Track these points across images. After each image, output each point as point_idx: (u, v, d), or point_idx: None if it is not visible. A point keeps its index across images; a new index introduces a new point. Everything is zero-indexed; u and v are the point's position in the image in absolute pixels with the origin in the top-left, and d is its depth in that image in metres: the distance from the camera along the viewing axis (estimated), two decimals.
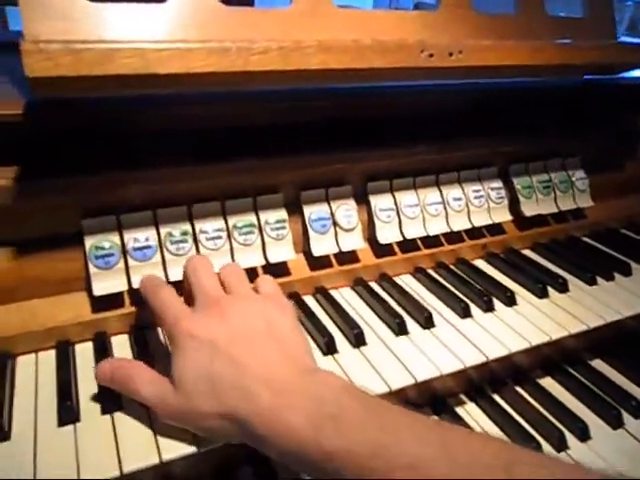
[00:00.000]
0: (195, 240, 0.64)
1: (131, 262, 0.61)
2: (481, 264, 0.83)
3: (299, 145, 0.69)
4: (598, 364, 0.77)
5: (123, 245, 0.61)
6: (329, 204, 0.72)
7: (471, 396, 0.70)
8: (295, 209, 0.71)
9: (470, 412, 0.68)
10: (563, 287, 0.77)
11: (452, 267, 0.81)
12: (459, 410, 0.67)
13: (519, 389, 0.71)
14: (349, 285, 0.75)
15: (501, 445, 0.40)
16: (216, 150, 0.65)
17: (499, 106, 0.82)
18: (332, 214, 0.72)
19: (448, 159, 0.78)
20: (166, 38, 0.51)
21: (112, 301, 0.61)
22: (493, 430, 0.65)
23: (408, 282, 0.77)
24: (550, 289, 0.77)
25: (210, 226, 0.65)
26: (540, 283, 0.76)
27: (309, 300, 0.71)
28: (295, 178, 0.70)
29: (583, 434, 0.64)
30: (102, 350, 0.59)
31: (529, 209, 0.87)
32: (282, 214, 0.69)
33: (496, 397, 0.70)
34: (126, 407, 0.51)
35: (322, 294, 0.71)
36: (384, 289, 0.75)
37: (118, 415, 0.51)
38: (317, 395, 0.43)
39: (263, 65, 0.51)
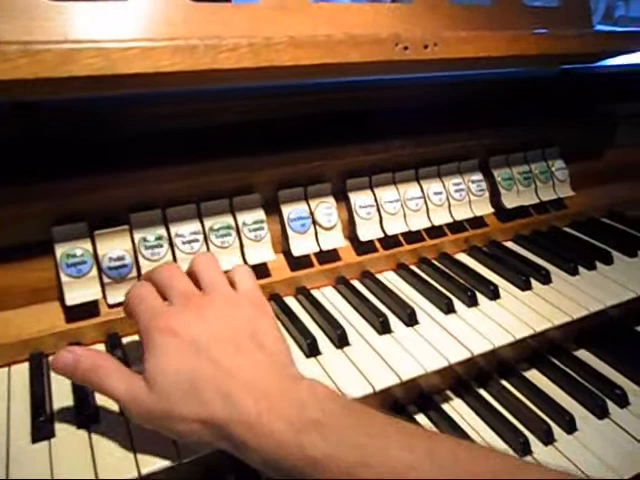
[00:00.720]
0: (171, 244, 0.63)
1: (105, 279, 0.59)
2: (464, 258, 0.83)
3: (275, 143, 0.68)
4: (583, 354, 0.77)
5: (95, 253, 0.59)
6: (308, 203, 0.71)
7: (457, 392, 0.69)
8: (273, 209, 0.70)
9: (457, 408, 0.67)
10: (546, 278, 0.77)
11: (435, 262, 0.80)
12: (445, 407, 0.66)
13: (505, 383, 0.70)
14: (331, 284, 0.74)
15: (487, 454, 0.39)
16: (189, 151, 0.63)
17: (477, 98, 0.81)
18: (311, 213, 0.70)
19: (427, 153, 0.78)
20: (131, 37, 0.49)
21: (87, 310, 0.60)
22: (479, 425, 0.64)
23: (391, 279, 0.76)
24: (533, 281, 0.76)
25: (186, 229, 0.64)
26: (523, 275, 0.76)
27: (290, 301, 0.70)
28: (272, 177, 0.69)
29: (569, 426, 0.64)
30: None
31: (510, 201, 0.86)
32: (260, 214, 0.67)
33: (482, 392, 0.69)
34: (103, 421, 0.50)
35: (304, 294, 0.70)
36: (366, 287, 0.74)
37: (95, 429, 0.49)
38: (301, 401, 0.42)
39: (232, 63, 0.49)
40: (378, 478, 0.37)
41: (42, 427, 0.48)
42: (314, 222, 0.70)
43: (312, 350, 0.60)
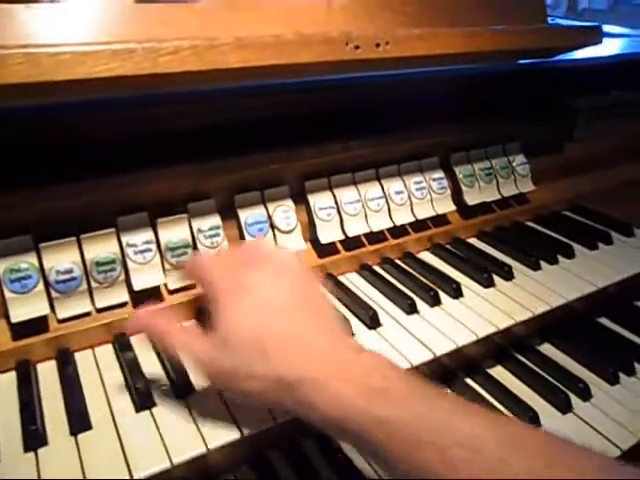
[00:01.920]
0: (123, 254, 0.61)
1: (53, 293, 0.57)
2: (427, 257, 0.82)
3: (229, 147, 0.66)
4: (546, 348, 0.78)
5: (42, 267, 0.56)
6: (266, 206, 0.69)
7: None
8: (230, 214, 0.68)
9: None
10: (508, 274, 0.77)
11: (398, 262, 0.79)
12: None
13: (469, 381, 0.70)
14: None
15: (545, 437, 0.40)
16: (138, 158, 0.61)
17: (435, 95, 0.80)
18: (269, 217, 0.69)
19: (386, 152, 0.77)
20: (65, 41, 0.47)
21: (35, 326, 0.57)
22: None
23: (353, 280, 0.75)
24: (496, 277, 0.76)
25: (139, 239, 0.61)
26: (485, 272, 0.75)
27: None
28: (227, 182, 0.67)
29: (533, 422, 0.64)
30: (26, 380, 0.55)
31: (472, 197, 0.86)
32: (216, 220, 0.66)
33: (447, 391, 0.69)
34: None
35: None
36: (328, 290, 0.73)
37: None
38: (366, 369, 0.44)
39: (174, 66, 0.47)
40: (443, 444, 0.38)
41: None
42: (272, 226, 0.69)
43: None
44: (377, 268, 0.78)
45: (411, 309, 0.68)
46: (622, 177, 1.02)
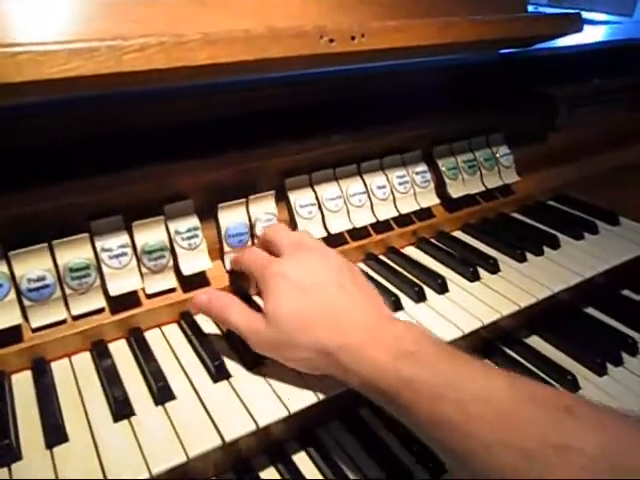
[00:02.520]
0: (97, 259, 0.59)
1: (26, 302, 0.55)
2: (412, 251, 0.81)
3: (204, 145, 0.64)
4: (534, 340, 0.77)
5: (13, 276, 0.55)
6: (248, 212, 0.68)
7: None
8: (209, 215, 0.66)
9: None
10: (494, 267, 0.76)
11: (382, 258, 0.78)
12: None
13: None
14: None
15: (558, 390, 0.48)
16: (111, 159, 0.59)
17: (416, 87, 0.79)
18: (251, 226, 0.67)
19: (367, 147, 0.75)
20: (24, 40, 0.45)
21: (8, 336, 0.55)
22: None
23: None
24: (482, 271, 0.75)
25: (113, 243, 0.60)
26: (471, 266, 0.74)
27: None
28: (204, 182, 0.65)
29: None
30: (0, 392, 0.53)
31: (456, 190, 0.85)
32: (194, 221, 0.64)
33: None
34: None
35: (247, 301, 0.67)
36: None
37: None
38: (398, 336, 0.49)
39: (140, 64, 0.45)
40: (463, 398, 0.42)
41: None
42: (252, 236, 0.68)
43: (253, 360, 0.58)
44: (361, 264, 0.77)
45: (396, 306, 0.67)
46: (606, 164, 1.02)
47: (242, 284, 0.67)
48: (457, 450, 0.42)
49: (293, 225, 0.72)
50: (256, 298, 0.67)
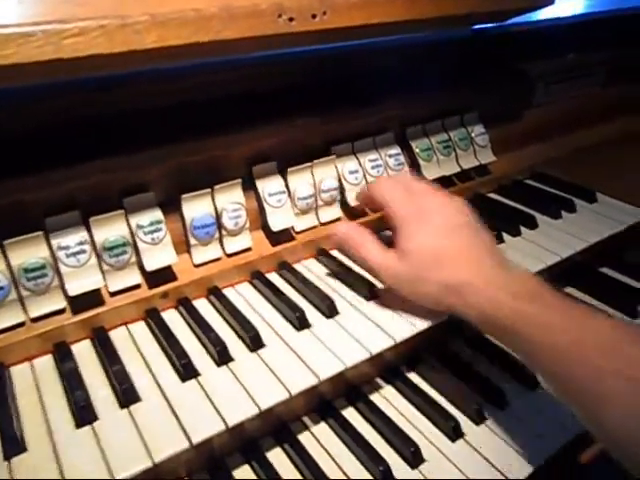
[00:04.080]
0: (54, 258, 0.56)
1: None
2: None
3: (165, 134, 0.61)
4: None
5: None
6: (214, 202, 0.65)
7: (386, 379, 0.66)
8: (172, 207, 0.63)
9: (386, 396, 0.64)
10: None
11: None
12: (374, 397, 0.63)
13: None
14: (247, 280, 0.69)
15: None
16: (63, 152, 0.56)
17: (386, 67, 0.77)
18: (217, 216, 0.65)
19: (335, 129, 0.73)
20: None
21: None
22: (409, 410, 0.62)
23: (312, 268, 0.72)
24: None
25: (71, 240, 0.57)
26: None
27: (202, 304, 0.65)
28: (165, 172, 0.62)
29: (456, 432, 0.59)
30: None
31: (431, 172, 0.83)
32: (157, 214, 0.61)
33: (412, 375, 0.66)
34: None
35: (216, 295, 0.65)
36: (284, 278, 0.69)
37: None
38: (517, 278, 0.55)
39: (81, 50, 0.42)
40: (576, 330, 0.48)
41: None
42: (220, 226, 0.65)
43: (222, 357, 0.56)
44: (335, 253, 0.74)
45: (371, 294, 0.65)
46: (582, 141, 1.01)
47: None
48: (566, 376, 0.47)
49: (262, 214, 0.69)
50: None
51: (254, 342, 0.57)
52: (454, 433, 0.58)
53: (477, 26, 0.88)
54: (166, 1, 0.52)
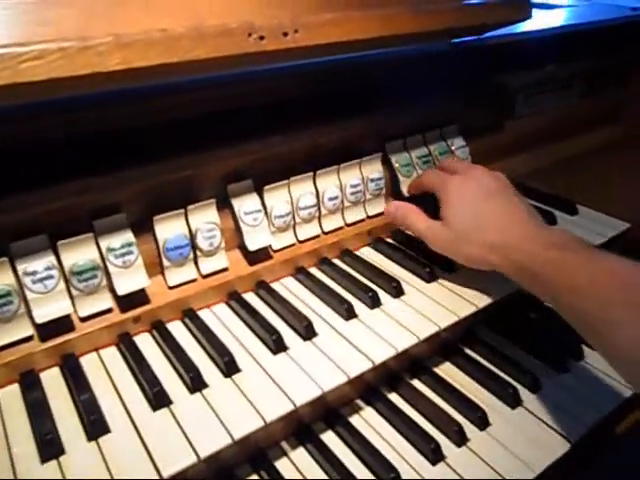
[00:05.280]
0: (20, 284, 0.54)
1: None
2: (368, 253, 0.78)
3: (135, 154, 0.60)
4: (494, 339, 0.75)
5: None
6: (188, 223, 0.64)
7: (367, 400, 0.65)
8: (145, 229, 0.62)
9: (367, 418, 0.63)
10: (450, 267, 0.73)
11: (336, 261, 0.75)
12: (353, 419, 0.62)
13: (417, 382, 0.67)
14: (223, 300, 0.68)
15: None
16: (29, 173, 0.54)
17: (363, 81, 0.76)
18: (192, 237, 0.63)
19: (313, 145, 0.71)
20: None
21: None
22: (391, 432, 0.61)
23: (289, 286, 0.71)
24: (438, 271, 0.73)
25: (37, 265, 0.55)
26: (426, 266, 0.72)
27: (176, 327, 0.63)
28: (136, 193, 0.61)
29: (482, 422, 0.61)
30: None
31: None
32: (127, 237, 0.60)
33: (393, 396, 0.65)
34: None
35: (190, 318, 0.63)
36: (261, 298, 0.68)
37: None
38: (552, 234, 0.63)
39: (40, 73, 0.41)
40: (594, 271, 0.54)
41: None
42: (194, 247, 0.64)
43: (195, 383, 0.54)
44: (314, 270, 0.73)
45: (349, 314, 0.64)
46: (562, 152, 1.01)
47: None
48: (582, 310, 0.54)
49: (238, 233, 0.68)
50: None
51: (229, 367, 0.56)
52: (434, 455, 0.57)
53: (456, 40, 0.88)
54: (132, 22, 0.51)
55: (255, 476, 0.56)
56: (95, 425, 0.50)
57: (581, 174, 0.99)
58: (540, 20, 1.04)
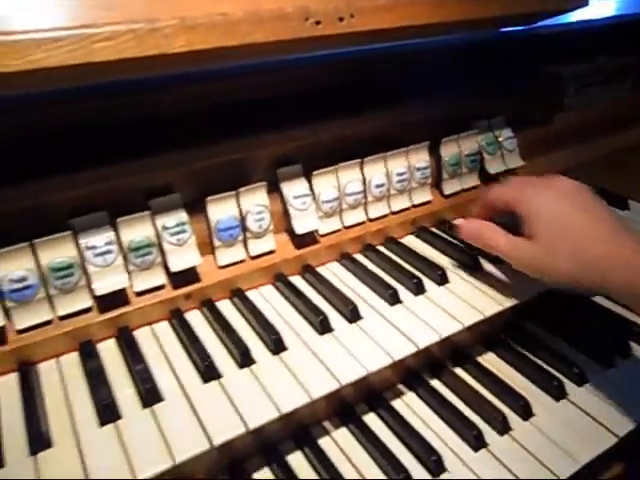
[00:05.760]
0: (82, 258, 0.57)
1: (8, 303, 0.54)
2: (412, 241, 0.78)
3: (192, 136, 0.62)
4: (539, 332, 0.74)
5: None
6: (239, 205, 0.65)
7: (409, 385, 0.65)
8: (198, 209, 0.64)
9: (408, 403, 0.63)
10: (496, 257, 0.73)
11: (380, 248, 0.75)
12: (396, 403, 0.63)
13: (459, 370, 0.67)
14: (270, 282, 0.69)
15: None
16: (93, 153, 0.57)
17: (410, 70, 0.76)
18: (242, 219, 0.65)
19: (358, 133, 0.72)
20: None
21: None
22: (433, 418, 0.61)
23: (334, 270, 0.72)
24: (484, 260, 0.72)
25: (98, 240, 0.58)
26: (472, 256, 0.72)
27: (225, 306, 0.65)
28: (191, 173, 0.63)
29: (525, 412, 0.61)
30: None
31: (450, 187, 0.82)
32: (182, 216, 0.62)
33: (435, 382, 0.66)
34: None
35: (239, 297, 0.65)
36: (307, 281, 0.69)
37: None
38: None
39: (111, 53, 0.43)
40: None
41: None
42: (244, 229, 0.66)
43: (244, 359, 0.56)
44: (359, 256, 0.74)
45: (394, 299, 0.65)
46: (612, 146, 0.98)
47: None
48: None
49: (286, 216, 0.69)
50: None
51: (276, 345, 0.57)
52: (476, 442, 0.57)
53: (506, 29, 0.87)
54: (193, 5, 0.52)
55: (299, 452, 0.57)
56: (150, 393, 0.52)
57: (632, 169, 0.97)
58: (594, 10, 1.02)
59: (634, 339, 0.71)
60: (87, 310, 0.59)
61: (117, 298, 0.60)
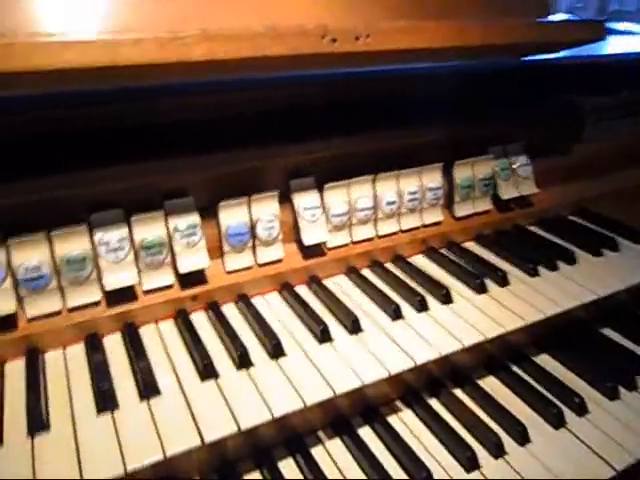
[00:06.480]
0: (95, 252, 0.59)
1: (21, 291, 0.56)
2: (420, 260, 0.79)
3: (209, 143, 0.64)
4: (543, 359, 0.74)
5: (10, 263, 0.55)
6: (250, 212, 0.67)
7: (407, 402, 0.65)
8: (210, 213, 0.66)
9: (405, 420, 0.63)
10: (503, 280, 0.73)
11: (388, 265, 0.76)
12: (392, 419, 0.63)
13: (458, 391, 0.67)
14: (275, 289, 0.70)
15: None
16: (113, 152, 0.60)
17: (429, 92, 0.78)
18: (252, 226, 0.67)
19: (377, 150, 0.74)
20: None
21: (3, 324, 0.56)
22: (428, 436, 0.61)
23: (340, 283, 0.73)
24: (489, 283, 0.73)
25: (112, 236, 0.60)
26: (478, 278, 0.72)
27: (229, 309, 0.67)
28: (205, 178, 0.65)
29: (522, 437, 0.60)
30: None
31: (462, 210, 0.83)
32: (194, 219, 0.64)
33: (433, 402, 0.66)
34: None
35: (244, 302, 0.67)
36: (313, 292, 0.70)
37: None
38: None
39: (135, 57, 0.45)
40: None
41: None
42: (254, 236, 0.67)
43: (243, 361, 0.57)
44: (366, 271, 0.75)
45: (396, 314, 0.65)
46: (630, 180, 0.98)
47: None
48: None
49: (296, 227, 0.71)
50: None
51: (275, 350, 0.58)
52: (469, 463, 0.57)
53: (528, 57, 0.88)
54: (216, 19, 0.55)
55: (290, 459, 0.58)
56: (148, 387, 0.53)
57: None
58: (619, 45, 1.03)
59: None
60: (96, 304, 0.61)
61: (125, 294, 0.62)
